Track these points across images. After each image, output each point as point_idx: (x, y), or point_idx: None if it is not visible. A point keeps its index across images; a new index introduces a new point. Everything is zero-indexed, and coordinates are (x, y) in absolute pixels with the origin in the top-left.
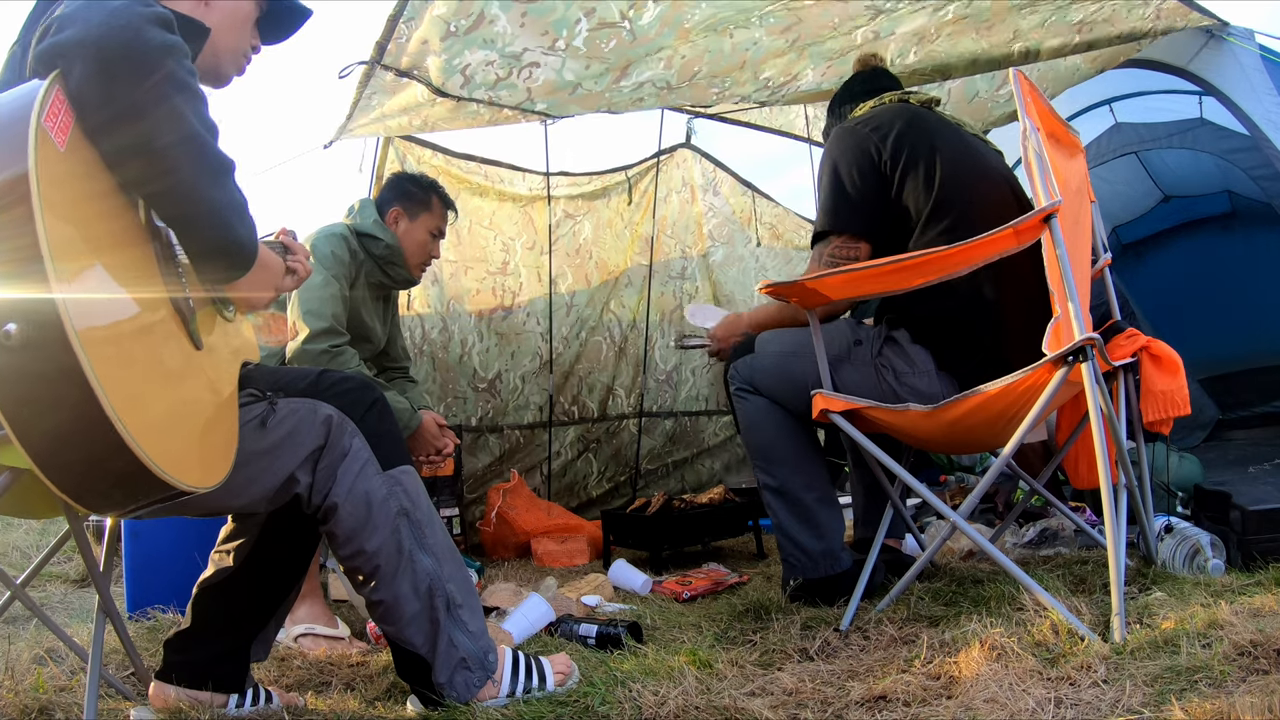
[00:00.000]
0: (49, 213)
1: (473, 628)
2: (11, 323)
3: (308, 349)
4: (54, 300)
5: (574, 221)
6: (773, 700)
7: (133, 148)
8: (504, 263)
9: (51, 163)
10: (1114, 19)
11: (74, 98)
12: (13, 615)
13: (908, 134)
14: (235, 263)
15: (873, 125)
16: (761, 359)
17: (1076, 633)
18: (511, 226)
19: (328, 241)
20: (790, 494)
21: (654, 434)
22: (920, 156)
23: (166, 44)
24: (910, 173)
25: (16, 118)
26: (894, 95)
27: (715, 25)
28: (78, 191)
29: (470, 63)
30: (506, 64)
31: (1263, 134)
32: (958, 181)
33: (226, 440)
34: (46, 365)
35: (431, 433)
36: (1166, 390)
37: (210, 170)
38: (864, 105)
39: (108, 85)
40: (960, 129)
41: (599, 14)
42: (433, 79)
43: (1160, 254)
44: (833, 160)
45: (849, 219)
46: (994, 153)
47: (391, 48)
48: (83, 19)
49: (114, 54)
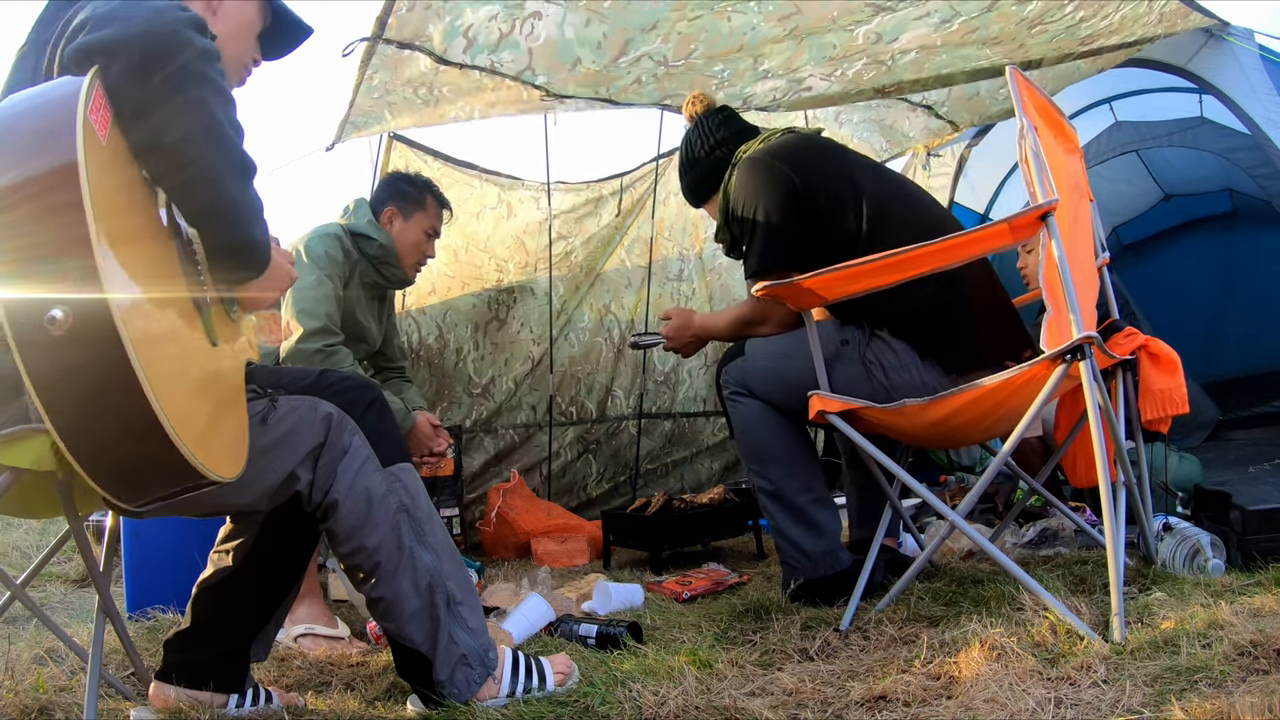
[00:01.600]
0: (96, 204)
1: (473, 625)
2: (57, 309)
3: (302, 348)
4: (102, 288)
5: (567, 242)
6: (773, 700)
7: (162, 140)
8: (498, 280)
9: (95, 153)
10: (1121, 28)
11: (112, 93)
12: (13, 615)
13: (824, 167)
14: (251, 262)
15: (780, 155)
16: (754, 361)
17: (1076, 633)
18: (504, 250)
19: (321, 241)
20: (786, 496)
21: (653, 435)
22: (840, 184)
23: (203, 47)
24: (834, 202)
25: (64, 108)
26: (779, 130)
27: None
28: (114, 183)
29: (472, 22)
30: (509, 14)
31: (1263, 133)
32: (881, 201)
33: (241, 434)
34: (91, 352)
35: (425, 433)
36: (1165, 389)
37: (235, 168)
38: (749, 146)
39: (145, 83)
40: (849, 151)
41: None
42: (435, 47)
43: (1160, 253)
44: (750, 196)
45: (779, 255)
46: (888, 169)
47: (392, 21)
48: (122, 18)
49: (154, 53)
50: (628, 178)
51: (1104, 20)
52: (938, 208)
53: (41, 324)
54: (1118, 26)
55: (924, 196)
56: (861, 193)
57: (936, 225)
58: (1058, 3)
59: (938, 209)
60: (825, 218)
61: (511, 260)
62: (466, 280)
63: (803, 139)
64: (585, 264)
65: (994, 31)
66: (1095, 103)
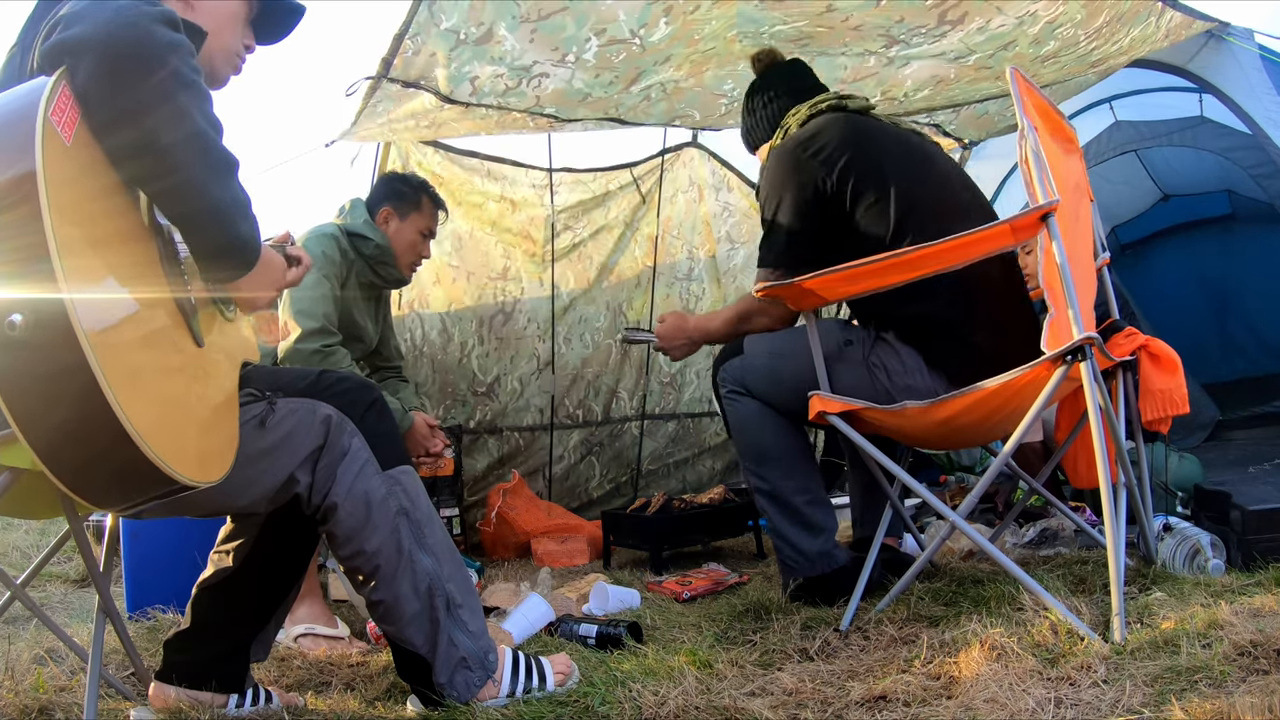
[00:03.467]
0: (55, 210)
1: (473, 627)
2: (16, 314)
3: (299, 349)
4: (60, 295)
5: (573, 234)
6: (773, 700)
7: (138, 145)
8: (504, 268)
9: (58, 158)
10: (1130, 49)
11: (80, 94)
12: (13, 615)
13: (855, 158)
14: (239, 261)
15: (814, 149)
16: (752, 360)
17: (1076, 633)
18: (511, 238)
19: (319, 241)
20: (782, 496)
21: (656, 436)
22: (871, 183)
23: (173, 42)
24: (863, 198)
25: (24, 113)
26: (828, 99)
27: (724, 33)
28: (82, 188)
29: (479, 75)
30: (516, 75)
31: (1264, 133)
32: (913, 196)
33: (227, 437)
34: (51, 358)
35: (422, 433)
36: (1165, 389)
37: (215, 168)
38: (798, 110)
39: (114, 82)
40: (899, 131)
41: (610, 33)
42: (440, 88)
43: (1159, 254)
44: (776, 190)
45: (791, 254)
46: (934, 146)
47: (397, 63)
48: (90, 17)
49: (121, 51)
50: (638, 169)
51: (1114, 45)
52: (966, 194)
53: (2, 329)
54: (1127, 48)
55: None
56: (890, 188)
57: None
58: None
59: (966, 196)
60: (849, 214)
61: (518, 248)
62: (472, 270)
63: (844, 122)
64: (596, 257)
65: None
66: (1095, 102)
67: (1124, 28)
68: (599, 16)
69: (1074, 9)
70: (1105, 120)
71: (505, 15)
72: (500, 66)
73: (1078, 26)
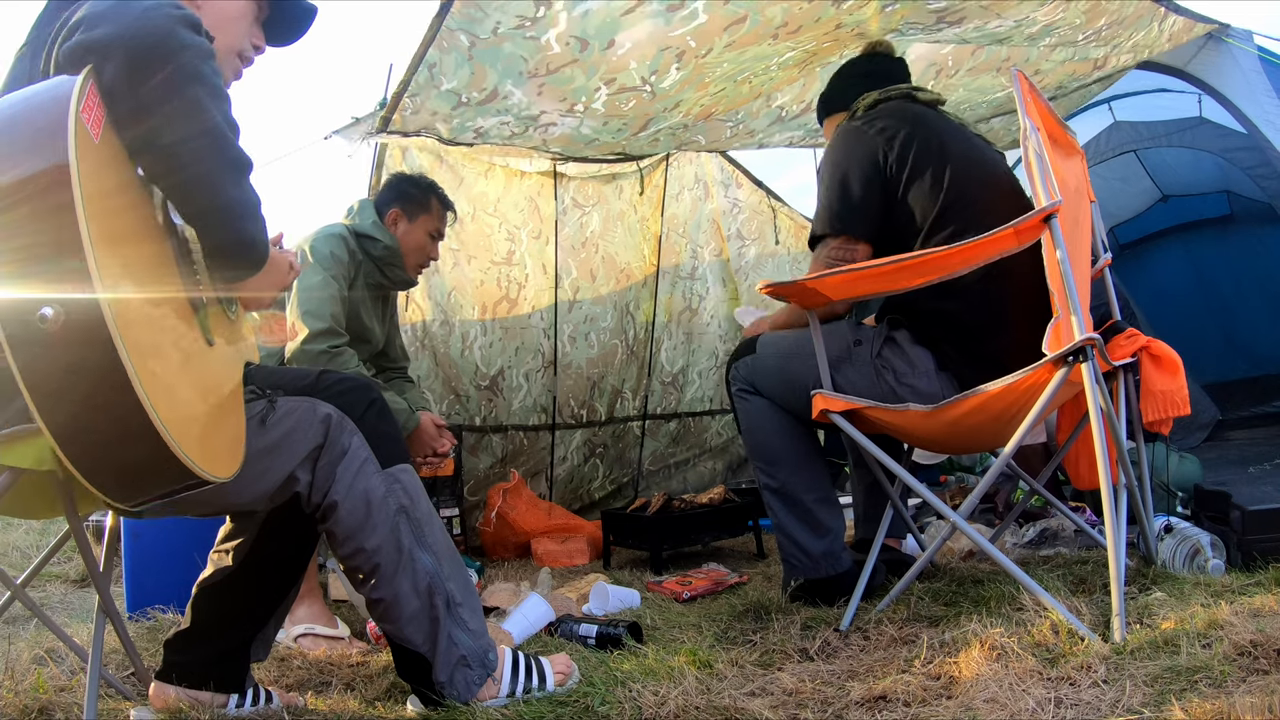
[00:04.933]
0: (87, 202)
1: (473, 626)
2: (47, 307)
3: (307, 349)
4: (94, 288)
5: (582, 211)
6: (773, 700)
7: (158, 141)
8: (509, 252)
9: (88, 153)
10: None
11: (107, 92)
12: (13, 615)
13: (916, 137)
14: (248, 261)
15: (878, 127)
16: (762, 360)
17: (1076, 633)
18: (517, 214)
19: (327, 242)
20: (791, 495)
21: (658, 435)
22: (929, 162)
23: (196, 45)
24: (917, 178)
25: (56, 108)
26: (900, 89)
27: (735, 75)
28: (108, 184)
29: (484, 126)
30: (522, 123)
31: (1262, 135)
32: (965, 186)
33: (237, 435)
34: (83, 351)
35: (429, 433)
36: (1166, 390)
37: (231, 167)
38: (868, 95)
39: (139, 82)
40: (964, 129)
41: (620, 81)
42: (443, 135)
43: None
44: (836, 161)
45: (850, 221)
46: (998, 154)
47: (396, 119)
48: (115, 17)
49: (147, 53)
50: (643, 162)
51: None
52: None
53: (33, 322)
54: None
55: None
56: (946, 171)
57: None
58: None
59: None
60: (899, 191)
61: (524, 228)
62: (474, 252)
63: (910, 109)
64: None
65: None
66: (1094, 103)
67: (1125, 32)
68: (609, 67)
69: (1074, 13)
70: (1104, 121)
71: (511, 74)
72: (506, 116)
73: (1076, 30)
